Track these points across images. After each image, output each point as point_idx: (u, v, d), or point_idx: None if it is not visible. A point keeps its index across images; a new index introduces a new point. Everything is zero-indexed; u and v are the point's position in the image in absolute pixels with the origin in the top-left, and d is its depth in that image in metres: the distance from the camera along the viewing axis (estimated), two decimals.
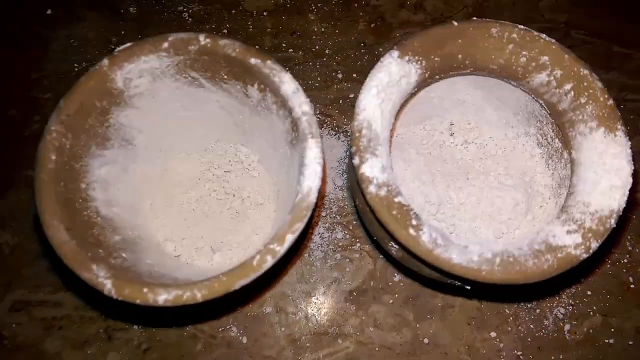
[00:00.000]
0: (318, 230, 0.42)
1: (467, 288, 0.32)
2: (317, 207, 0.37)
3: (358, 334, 0.39)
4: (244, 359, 0.38)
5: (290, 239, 0.28)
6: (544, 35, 0.33)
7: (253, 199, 0.39)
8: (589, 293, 0.40)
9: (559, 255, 0.29)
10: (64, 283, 0.40)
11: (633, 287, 0.41)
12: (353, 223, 0.42)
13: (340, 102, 0.46)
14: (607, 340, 0.39)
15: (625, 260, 0.41)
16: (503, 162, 0.39)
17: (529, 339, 0.39)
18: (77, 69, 0.47)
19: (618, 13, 0.50)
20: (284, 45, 0.48)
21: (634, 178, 0.30)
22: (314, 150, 0.30)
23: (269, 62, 0.31)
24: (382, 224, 0.29)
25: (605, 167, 0.31)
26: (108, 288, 0.27)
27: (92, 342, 0.39)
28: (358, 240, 0.41)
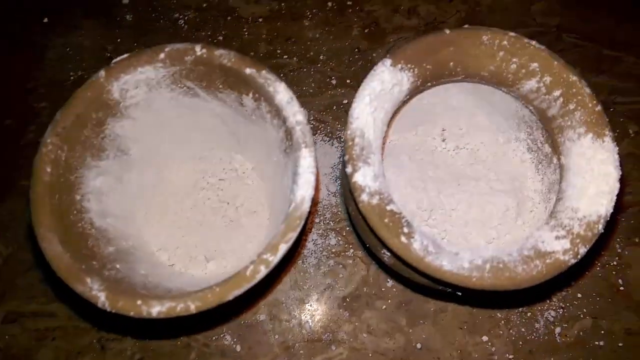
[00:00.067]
0: (312, 237, 0.42)
1: (458, 294, 0.33)
2: (310, 214, 0.37)
3: (352, 340, 0.39)
4: None
5: (284, 249, 0.28)
6: (534, 42, 0.33)
7: (247, 207, 0.39)
8: (579, 296, 0.41)
9: (548, 261, 0.29)
10: (58, 294, 0.40)
11: (622, 289, 0.41)
12: (346, 229, 0.42)
13: (334, 108, 0.46)
14: (597, 343, 0.39)
15: (615, 263, 0.42)
16: (494, 167, 0.40)
17: (521, 342, 0.39)
18: (73, 78, 0.46)
19: (609, 16, 0.50)
20: (279, 52, 0.48)
21: (622, 183, 0.31)
22: (308, 160, 0.30)
23: (264, 72, 0.32)
24: (374, 232, 0.30)
25: (593, 172, 0.31)
26: (102, 301, 0.27)
27: (85, 352, 0.39)
28: (351, 247, 0.42)
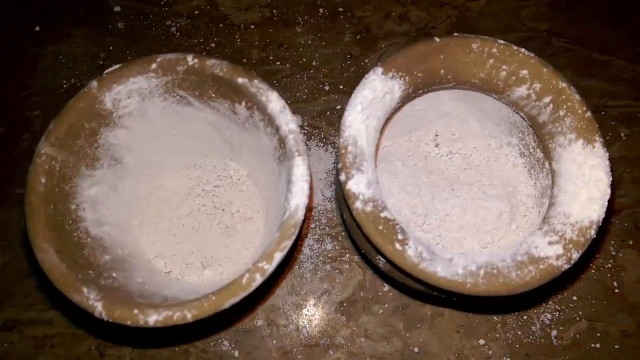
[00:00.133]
0: (308, 242, 0.42)
1: (454, 299, 0.33)
2: (305, 220, 0.37)
3: (349, 345, 0.39)
4: None
5: (279, 257, 0.28)
6: (523, 50, 0.34)
7: (242, 213, 0.39)
8: (575, 298, 0.41)
9: (541, 267, 0.30)
10: (55, 301, 0.40)
11: (617, 291, 0.41)
12: (342, 234, 0.42)
13: (328, 113, 0.47)
14: (593, 345, 0.40)
15: (610, 265, 0.42)
16: (487, 172, 0.40)
17: (517, 345, 0.40)
18: (65, 86, 0.47)
19: (598, 21, 0.51)
20: (272, 58, 0.49)
21: (613, 189, 0.31)
22: (301, 168, 0.30)
23: (256, 81, 0.32)
24: (368, 239, 0.30)
25: (585, 178, 0.31)
26: (99, 310, 0.27)
27: (84, 359, 0.39)
28: (347, 251, 0.42)
